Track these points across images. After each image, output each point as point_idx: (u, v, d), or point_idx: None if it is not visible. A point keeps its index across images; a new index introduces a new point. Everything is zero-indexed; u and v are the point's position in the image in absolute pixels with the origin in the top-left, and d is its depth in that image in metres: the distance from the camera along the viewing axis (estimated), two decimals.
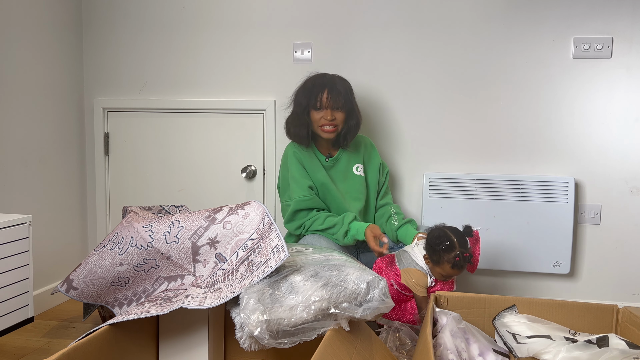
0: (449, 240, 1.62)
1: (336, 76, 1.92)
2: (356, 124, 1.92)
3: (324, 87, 1.85)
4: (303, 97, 1.87)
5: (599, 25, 2.03)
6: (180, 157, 2.36)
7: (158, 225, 1.54)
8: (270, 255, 1.34)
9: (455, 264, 1.60)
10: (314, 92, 1.85)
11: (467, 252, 1.61)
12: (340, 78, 1.92)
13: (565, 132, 2.10)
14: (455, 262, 1.60)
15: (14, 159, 2.00)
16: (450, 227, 1.69)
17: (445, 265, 1.62)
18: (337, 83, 1.87)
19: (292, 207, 1.87)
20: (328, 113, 1.84)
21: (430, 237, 1.67)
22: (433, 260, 1.65)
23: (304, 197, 1.86)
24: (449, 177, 2.13)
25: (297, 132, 1.89)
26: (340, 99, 1.85)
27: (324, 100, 1.84)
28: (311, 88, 1.86)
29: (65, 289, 1.61)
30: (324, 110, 1.85)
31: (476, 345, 1.43)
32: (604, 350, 1.33)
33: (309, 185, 1.88)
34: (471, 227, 1.68)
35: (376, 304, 1.28)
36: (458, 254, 1.60)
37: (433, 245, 1.64)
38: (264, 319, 1.15)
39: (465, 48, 2.13)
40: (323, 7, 2.21)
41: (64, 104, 2.27)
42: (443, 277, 1.67)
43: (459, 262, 1.60)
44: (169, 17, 2.32)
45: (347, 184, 1.95)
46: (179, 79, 2.34)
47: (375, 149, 2.04)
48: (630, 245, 2.08)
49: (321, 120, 1.86)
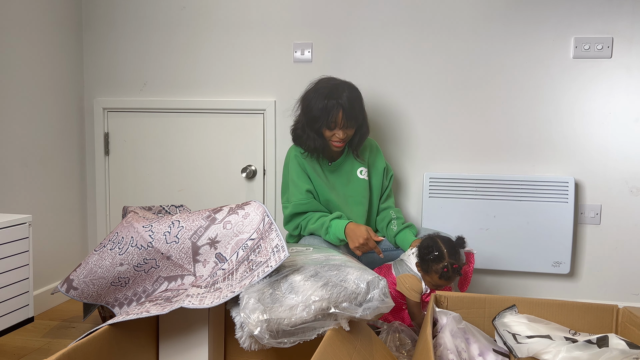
0: (438, 250, 1.62)
1: (347, 88, 1.83)
2: (366, 132, 1.92)
3: (339, 108, 1.78)
4: (316, 111, 1.80)
5: (599, 25, 2.03)
6: (180, 157, 2.36)
7: (158, 225, 1.54)
8: (270, 255, 1.34)
9: (443, 275, 1.61)
10: (329, 111, 1.78)
11: (457, 264, 1.61)
12: (352, 89, 1.84)
13: (565, 132, 2.10)
14: (443, 273, 1.60)
15: (14, 159, 2.00)
16: (442, 236, 1.68)
17: (433, 275, 1.63)
18: (352, 101, 1.80)
19: (290, 210, 1.89)
20: (341, 132, 1.82)
21: (421, 246, 1.67)
22: (423, 269, 1.66)
23: (302, 200, 1.87)
24: (449, 177, 2.13)
25: (309, 146, 1.85)
26: (353, 119, 1.82)
27: (338, 121, 1.80)
28: (325, 106, 1.78)
29: (66, 289, 1.61)
30: (338, 129, 1.82)
31: (476, 345, 1.43)
32: (604, 350, 1.33)
33: (307, 189, 1.88)
34: (463, 239, 1.68)
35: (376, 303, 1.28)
36: (447, 264, 1.60)
37: (423, 255, 1.65)
38: (264, 318, 1.15)
39: (465, 48, 2.13)
40: (323, 7, 2.21)
41: (64, 104, 2.27)
42: (433, 286, 1.66)
43: (447, 274, 1.60)
44: (169, 17, 2.32)
45: (350, 187, 1.94)
46: (179, 79, 2.34)
47: (380, 151, 2.03)
48: (630, 245, 2.08)
49: (333, 137, 1.84)
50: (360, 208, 1.94)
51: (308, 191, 1.88)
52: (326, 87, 1.83)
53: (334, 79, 1.88)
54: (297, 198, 1.87)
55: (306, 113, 1.85)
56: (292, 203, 1.88)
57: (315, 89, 1.85)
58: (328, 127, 1.81)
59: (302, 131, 1.87)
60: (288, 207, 1.90)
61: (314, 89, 1.86)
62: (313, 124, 1.83)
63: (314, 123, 1.82)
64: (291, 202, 1.88)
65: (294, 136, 1.92)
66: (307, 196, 1.87)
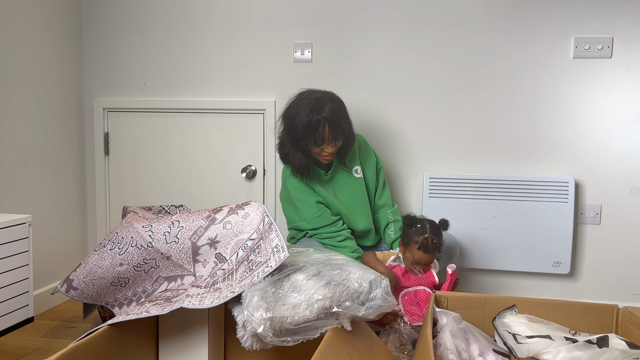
0: (421, 225, 1.72)
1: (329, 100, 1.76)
2: (353, 140, 1.87)
3: (325, 123, 1.72)
4: (301, 130, 1.74)
5: (599, 25, 2.04)
6: (180, 157, 2.36)
7: (158, 225, 1.54)
8: (270, 255, 1.34)
9: (422, 246, 1.67)
10: (314, 128, 1.72)
11: (437, 240, 1.68)
12: (333, 101, 1.78)
13: (565, 132, 2.10)
14: (423, 244, 1.67)
15: (14, 159, 2.00)
16: (428, 218, 1.77)
17: (413, 247, 1.69)
18: (336, 113, 1.74)
19: (308, 226, 1.85)
20: (329, 147, 1.77)
21: (406, 218, 1.77)
22: (404, 243, 1.74)
23: (315, 214, 1.83)
24: (449, 177, 2.13)
25: (299, 165, 1.80)
26: (340, 131, 1.76)
27: (326, 137, 1.74)
28: (310, 123, 1.72)
29: (65, 289, 1.61)
30: (326, 144, 1.77)
31: (476, 346, 1.43)
32: (604, 350, 1.33)
33: (317, 200, 1.84)
34: (447, 221, 1.76)
35: (379, 302, 1.28)
36: (427, 237, 1.68)
37: (406, 227, 1.75)
38: (268, 316, 1.15)
39: (465, 48, 2.13)
40: (323, 7, 2.21)
41: (64, 104, 2.27)
42: (412, 263, 1.71)
43: (425, 245, 1.67)
44: (169, 17, 2.32)
45: (350, 189, 1.91)
46: (179, 79, 2.34)
47: (369, 145, 1.99)
48: (630, 245, 2.08)
49: (322, 152, 1.79)
50: (364, 208, 1.92)
51: (318, 202, 1.84)
52: (307, 102, 1.75)
53: (314, 92, 1.79)
54: (310, 214, 1.83)
55: (290, 132, 1.78)
56: (307, 219, 1.84)
57: (297, 105, 1.77)
58: (315, 144, 1.75)
59: (289, 150, 1.81)
60: (304, 224, 1.85)
61: (296, 105, 1.78)
62: (298, 143, 1.77)
63: (299, 142, 1.76)
64: (306, 219, 1.85)
65: (282, 155, 1.87)
66: (319, 207, 1.84)
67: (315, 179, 1.88)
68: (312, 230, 1.85)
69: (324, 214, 1.83)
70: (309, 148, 1.77)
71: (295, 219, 1.92)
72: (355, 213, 1.90)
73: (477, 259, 2.13)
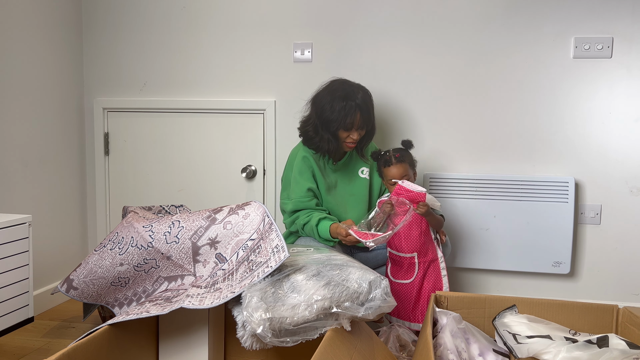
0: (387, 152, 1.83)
1: (361, 90, 1.86)
2: (373, 133, 1.94)
3: (357, 110, 1.81)
4: (333, 113, 1.81)
5: (599, 25, 2.03)
6: (180, 157, 2.36)
7: (158, 225, 1.54)
8: (270, 255, 1.34)
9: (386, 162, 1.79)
10: (347, 113, 1.80)
11: (398, 154, 1.79)
12: (365, 91, 1.86)
13: (565, 132, 2.10)
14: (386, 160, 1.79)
15: (14, 159, 2.00)
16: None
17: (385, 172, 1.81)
18: (367, 102, 1.84)
19: (290, 206, 1.89)
20: (356, 134, 1.84)
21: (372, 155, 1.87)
22: (381, 176, 1.86)
23: (302, 198, 1.87)
24: (449, 177, 2.13)
25: (323, 147, 1.86)
26: (368, 120, 1.86)
27: (355, 123, 1.82)
28: (344, 107, 1.80)
29: (66, 289, 1.61)
30: (354, 131, 1.84)
31: (476, 346, 1.43)
32: (604, 350, 1.33)
33: (309, 187, 1.88)
34: (410, 141, 1.84)
35: (378, 303, 1.28)
36: (388, 152, 1.80)
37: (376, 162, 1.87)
38: (267, 317, 1.15)
39: (465, 48, 2.13)
40: (323, 7, 2.21)
41: (64, 104, 2.27)
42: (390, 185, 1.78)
43: (389, 159, 1.78)
44: (169, 17, 2.32)
45: (352, 186, 1.95)
46: (178, 79, 2.34)
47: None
48: (630, 245, 2.08)
49: (348, 138, 1.86)
50: (361, 206, 1.95)
51: (309, 190, 1.88)
52: (341, 89, 1.84)
53: (347, 81, 1.88)
54: (298, 195, 1.87)
55: (320, 115, 1.84)
56: (292, 200, 1.89)
57: (330, 91, 1.85)
58: (345, 128, 1.82)
59: (315, 133, 1.87)
60: (288, 203, 1.90)
61: (328, 91, 1.85)
62: (329, 126, 1.83)
63: (329, 125, 1.82)
64: (292, 198, 1.89)
65: (305, 138, 1.91)
66: (308, 194, 1.88)
67: (324, 167, 1.92)
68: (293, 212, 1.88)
69: (310, 202, 1.87)
70: (337, 132, 1.84)
71: (283, 196, 1.96)
72: (350, 207, 1.93)
73: (477, 259, 2.13)
